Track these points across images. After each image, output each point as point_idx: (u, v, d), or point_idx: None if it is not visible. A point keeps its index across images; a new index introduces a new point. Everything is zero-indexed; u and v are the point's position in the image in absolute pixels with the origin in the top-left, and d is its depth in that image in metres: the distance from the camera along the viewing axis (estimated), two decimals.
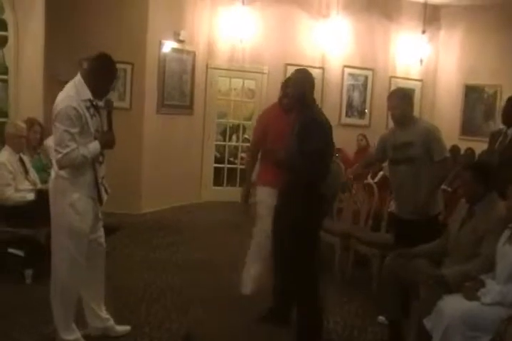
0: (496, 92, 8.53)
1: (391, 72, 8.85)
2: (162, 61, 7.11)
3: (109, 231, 4.55)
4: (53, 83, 6.45)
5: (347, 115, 8.71)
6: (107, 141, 3.05)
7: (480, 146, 6.83)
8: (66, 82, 6.97)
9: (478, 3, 8.37)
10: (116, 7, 6.70)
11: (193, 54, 7.60)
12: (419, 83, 8.87)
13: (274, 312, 3.47)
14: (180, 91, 7.41)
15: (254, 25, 7.95)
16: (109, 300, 3.80)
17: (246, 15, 7.84)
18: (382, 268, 3.49)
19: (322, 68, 8.36)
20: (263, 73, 7.90)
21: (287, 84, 3.61)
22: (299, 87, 3.22)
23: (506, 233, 2.93)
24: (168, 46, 7.17)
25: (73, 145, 2.83)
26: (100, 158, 3.06)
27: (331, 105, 8.42)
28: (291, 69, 6.06)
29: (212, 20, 7.89)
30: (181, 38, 7.32)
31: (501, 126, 4.38)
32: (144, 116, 6.88)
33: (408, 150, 3.62)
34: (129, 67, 6.80)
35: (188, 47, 7.48)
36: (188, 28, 7.49)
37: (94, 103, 2.95)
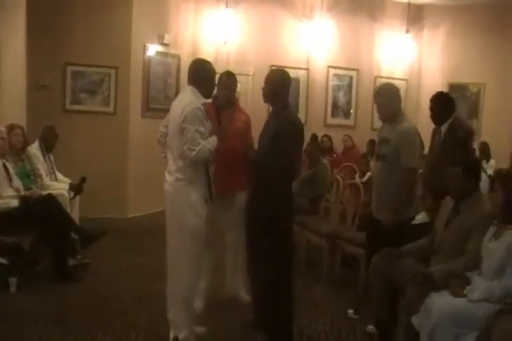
0: (479, 90, 8.62)
1: (376, 72, 8.89)
2: (146, 65, 7.09)
3: (92, 238, 4.55)
4: (36, 89, 6.43)
5: (332, 116, 8.72)
6: (224, 134, 3.29)
7: None
8: (49, 87, 6.92)
9: (460, 3, 8.44)
10: (99, 11, 6.67)
11: (178, 57, 7.58)
12: (403, 83, 8.91)
13: (258, 321, 3.42)
14: (165, 94, 7.38)
15: (238, 27, 7.96)
16: (95, 307, 3.80)
17: (230, 17, 7.85)
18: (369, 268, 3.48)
19: (307, 69, 8.37)
20: (248, 75, 7.89)
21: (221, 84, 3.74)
22: (272, 86, 3.22)
23: (491, 229, 2.94)
24: (153, 50, 7.15)
25: (203, 142, 3.09)
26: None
27: (316, 106, 8.48)
28: None
29: (197, 23, 7.89)
30: (166, 41, 7.30)
31: None
32: (129, 120, 6.86)
33: (384, 147, 3.58)
34: (113, 72, 6.78)
35: (172, 51, 7.46)
36: (173, 31, 7.48)
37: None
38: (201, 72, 3.23)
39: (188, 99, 3.17)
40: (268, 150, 3.17)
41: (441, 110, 4.00)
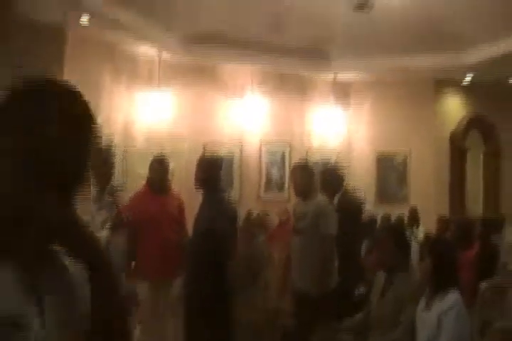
0: (405, 159, 9.09)
1: (307, 146, 9.19)
2: None
3: None
4: None
5: (266, 190, 8.78)
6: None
7: (395, 210, 7.35)
8: None
9: (382, 79, 9.02)
10: None
11: (110, 140, 7.56)
12: (334, 154, 9.25)
13: None
14: None
15: (170, 106, 8.11)
16: None
17: (162, 97, 8.02)
18: None
19: (240, 145, 8.57)
20: (182, 152, 7.94)
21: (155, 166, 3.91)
22: (203, 175, 3.31)
23: (423, 299, 2.96)
24: None
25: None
26: None
27: (249, 181, 8.59)
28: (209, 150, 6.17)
29: (129, 104, 7.98)
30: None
31: None
32: None
33: (300, 222, 3.70)
34: None
35: (105, 132, 7.44)
36: (105, 114, 7.51)
37: None
38: (96, 161, 3.22)
39: None
40: (203, 237, 3.26)
41: (331, 183, 4.14)
